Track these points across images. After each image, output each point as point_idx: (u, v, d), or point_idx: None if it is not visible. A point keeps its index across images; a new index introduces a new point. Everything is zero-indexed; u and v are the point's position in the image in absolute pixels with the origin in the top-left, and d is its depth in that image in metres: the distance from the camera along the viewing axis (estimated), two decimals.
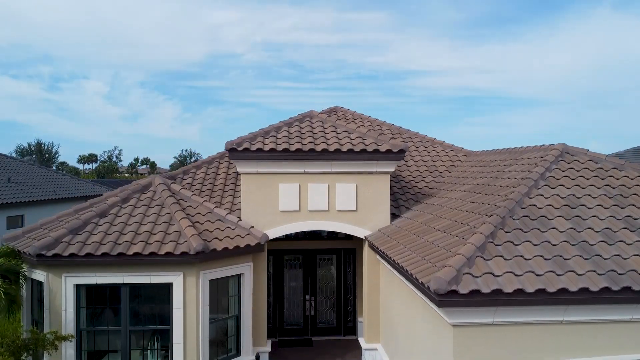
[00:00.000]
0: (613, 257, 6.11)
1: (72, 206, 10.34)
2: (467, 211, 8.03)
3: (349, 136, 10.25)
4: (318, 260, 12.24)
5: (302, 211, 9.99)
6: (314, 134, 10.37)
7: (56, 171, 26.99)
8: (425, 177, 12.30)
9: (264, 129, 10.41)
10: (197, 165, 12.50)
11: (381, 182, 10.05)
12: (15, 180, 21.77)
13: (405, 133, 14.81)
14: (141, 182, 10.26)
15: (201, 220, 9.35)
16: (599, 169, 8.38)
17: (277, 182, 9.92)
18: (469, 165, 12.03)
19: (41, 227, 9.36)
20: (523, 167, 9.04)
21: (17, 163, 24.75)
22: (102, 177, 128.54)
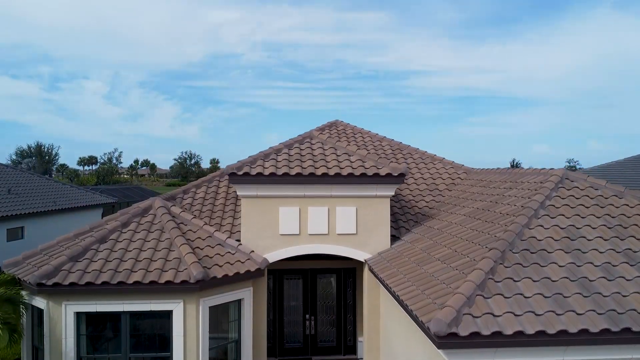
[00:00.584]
0: (613, 294, 6.12)
1: (73, 230, 10.35)
2: (467, 240, 8.03)
3: (349, 159, 10.26)
4: (318, 280, 12.24)
5: (302, 234, 9.99)
6: (314, 157, 10.38)
7: (56, 180, 26.98)
8: (425, 196, 12.30)
9: (263, 152, 10.42)
10: (197, 185, 12.51)
11: (381, 205, 10.06)
12: (15, 191, 21.78)
13: (405, 149, 14.82)
14: (141, 206, 10.26)
15: (201, 245, 9.35)
16: (598, 197, 8.39)
17: (277, 205, 9.93)
18: (469, 185, 12.03)
19: (41, 252, 9.37)
20: (523, 193, 9.05)
21: (17, 173, 24.77)
22: (102, 179, 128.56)
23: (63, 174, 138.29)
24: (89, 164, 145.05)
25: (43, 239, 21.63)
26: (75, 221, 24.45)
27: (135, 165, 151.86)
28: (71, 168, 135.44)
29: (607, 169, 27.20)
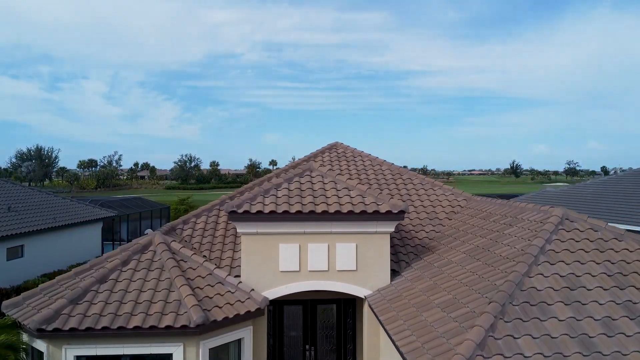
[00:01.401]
0: (613, 353, 6.12)
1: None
2: (467, 285, 8.03)
3: (349, 194, 10.26)
4: (318, 310, 12.22)
5: (302, 271, 9.99)
6: (314, 192, 10.38)
7: (56, 195, 26.96)
8: (425, 226, 12.30)
9: (263, 187, 10.42)
10: (197, 214, 12.51)
11: (381, 241, 10.06)
12: (15, 208, 21.77)
13: (405, 174, 14.83)
14: (141, 242, 10.25)
15: (201, 285, 9.35)
16: (598, 240, 8.40)
17: (277, 242, 9.93)
18: (469, 216, 12.03)
19: (41, 292, 9.36)
20: (523, 233, 9.05)
21: (17, 188, 24.76)
22: (102, 182, 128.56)
23: (63, 177, 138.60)
24: (88, 167, 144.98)
25: (43, 256, 21.68)
26: (75, 237, 24.47)
27: (135, 168, 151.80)
28: (71, 171, 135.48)
29: (607, 182, 27.24)
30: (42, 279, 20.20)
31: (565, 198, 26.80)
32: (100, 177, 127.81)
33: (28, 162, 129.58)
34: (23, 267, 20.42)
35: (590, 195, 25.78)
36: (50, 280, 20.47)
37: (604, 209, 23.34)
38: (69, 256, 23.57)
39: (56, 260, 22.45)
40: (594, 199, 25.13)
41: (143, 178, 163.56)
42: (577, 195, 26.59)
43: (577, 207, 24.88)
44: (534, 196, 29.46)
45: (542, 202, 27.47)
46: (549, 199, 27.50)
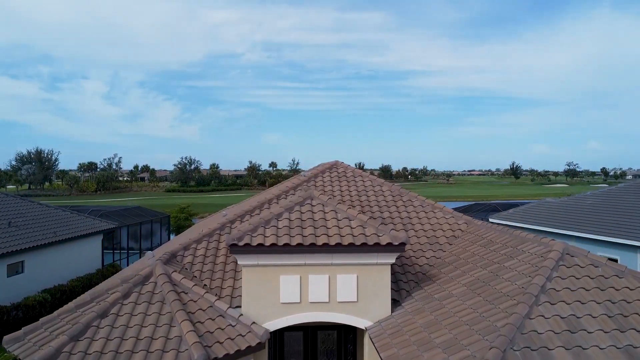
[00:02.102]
0: None
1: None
2: (467, 325, 8.04)
3: (350, 224, 10.27)
4: (319, 336, 12.24)
5: (303, 302, 10.00)
6: (314, 222, 10.39)
7: (56, 207, 26.96)
8: (425, 252, 12.31)
9: (264, 217, 10.42)
10: (198, 240, 12.51)
11: (382, 272, 10.07)
12: (16, 224, 21.78)
13: (405, 195, 14.84)
14: (142, 273, 10.26)
15: (202, 319, 9.35)
16: (599, 277, 8.41)
17: (278, 274, 9.94)
18: (469, 242, 12.04)
19: (42, 326, 9.36)
20: (523, 268, 9.06)
21: (17, 201, 24.77)
22: (102, 185, 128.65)
23: (63, 180, 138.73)
24: (88, 170, 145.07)
25: (43, 271, 21.68)
26: (75, 250, 24.48)
27: (135, 171, 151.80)
28: (71, 174, 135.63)
29: (607, 194, 27.24)
30: (43, 295, 20.25)
31: (565, 211, 26.81)
32: (100, 180, 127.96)
33: (28, 165, 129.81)
34: (23, 283, 20.44)
35: (590, 208, 25.79)
36: (50, 295, 20.51)
37: (604, 223, 23.35)
38: (69, 270, 23.60)
39: (57, 275, 22.49)
40: (593, 212, 25.13)
41: (143, 180, 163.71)
42: (576, 207, 26.59)
43: (577, 220, 24.90)
44: (534, 207, 29.47)
45: (542, 214, 27.49)
46: (549, 212, 27.50)
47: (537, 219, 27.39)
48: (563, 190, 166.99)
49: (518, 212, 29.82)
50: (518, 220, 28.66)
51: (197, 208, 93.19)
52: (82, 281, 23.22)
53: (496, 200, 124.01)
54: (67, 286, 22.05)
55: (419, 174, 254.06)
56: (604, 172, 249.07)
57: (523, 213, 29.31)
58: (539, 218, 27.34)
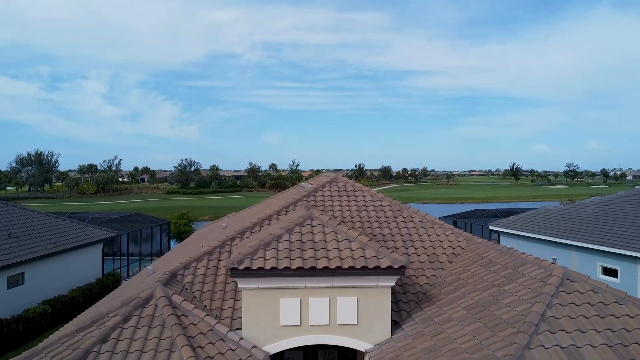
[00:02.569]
0: None
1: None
2: (468, 353, 8.04)
3: (350, 246, 10.29)
4: (319, 355, 12.25)
5: (303, 325, 10.00)
6: (314, 244, 10.40)
7: (56, 216, 26.96)
8: (425, 270, 12.31)
9: (264, 240, 10.42)
10: (198, 258, 12.51)
11: (382, 295, 10.08)
12: (16, 234, 21.78)
13: (406, 211, 14.84)
14: (142, 296, 10.26)
15: (202, 343, 9.35)
16: (599, 304, 8.42)
17: (278, 297, 9.95)
18: (469, 261, 12.04)
19: (43, 351, 9.34)
20: (523, 293, 9.06)
21: (17, 211, 24.77)
22: (102, 187, 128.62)
23: (63, 182, 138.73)
24: (88, 172, 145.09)
25: (43, 282, 21.68)
26: (75, 260, 24.48)
27: (135, 172, 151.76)
28: (71, 176, 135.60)
29: (606, 203, 27.25)
30: (43, 307, 20.25)
31: (566, 219, 26.82)
32: (100, 182, 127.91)
33: (28, 167, 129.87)
34: (24, 295, 20.45)
35: (589, 217, 25.80)
36: (50, 306, 20.51)
37: (605, 232, 23.36)
38: (69, 280, 23.62)
39: (57, 285, 22.50)
40: (594, 221, 25.14)
41: (143, 180, 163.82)
42: (577, 216, 26.61)
43: (577, 229, 24.90)
44: (534, 215, 29.47)
45: (543, 222, 27.49)
46: (549, 221, 27.49)
47: (537, 227, 27.40)
48: (563, 191, 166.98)
49: (518, 219, 29.84)
50: (518, 228, 28.69)
51: (197, 211, 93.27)
52: (83, 291, 23.23)
53: (496, 202, 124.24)
54: (67, 297, 22.07)
55: (418, 175, 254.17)
56: (604, 173, 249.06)
57: (523, 221, 29.33)
58: (540, 226, 27.35)
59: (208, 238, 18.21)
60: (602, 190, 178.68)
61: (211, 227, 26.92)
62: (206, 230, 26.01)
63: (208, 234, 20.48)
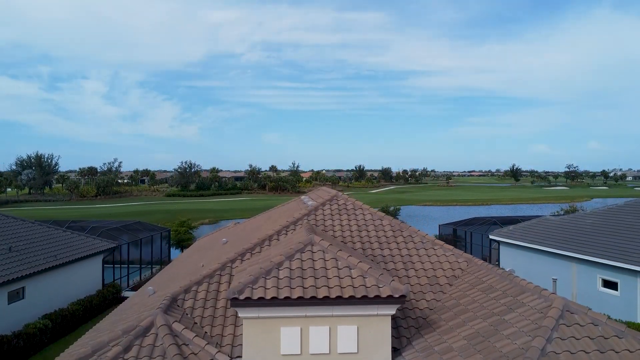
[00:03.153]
0: None
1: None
2: None
3: (351, 274, 10.30)
4: None
5: (303, 354, 10.00)
6: (315, 271, 10.42)
7: (56, 227, 26.97)
8: (425, 293, 12.33)
9: (264, 267, 10.43)
10: (198, 281, 12.52)
11: (382, 323, 10.08)
12: (16, 248, 21.80)
13: (406, 230, 14.86)
14: (143, 324, 10.28)
15: None
16: (599, 338, 8.43)
17: (278, 325, 9.96)
18: (469, 285, 12.06)
19: None
20: (523, 324, 9.08)
21: (18, 223, 24.80)
22: (103, 190, 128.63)
23: (63, 184, 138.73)
24: (89, 175, 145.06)
25: (44, 296, 21.70)
26: (76, 272, 24.50)
27: (135, 175, 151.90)
28: (71, 179, 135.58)
29: (606, 213, 27.26)
30: (43, 321, 20.28)
31: (566, 230, 26.83)
32: (100, 185, 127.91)
33: (28, 170, 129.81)
34: (24, 309, 20.48)
35: (589, 228, 25.82)
36: (51, 321, 20.52)
37: (605, 245, 23.38)
38: (69, 292, 23.65)
39: (57, 298, 22.53)
40: (594, 232, 25.16)
41: (143, 182, 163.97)
42: (577, 227, 26.62)
43: (578, 240, 24.92)
44: (534, 225, 29.48)
45: (543, 233, 27.51)
46: (549, 231, 27.49)
47: (537, 237, 27.43)
48: (563, 193, 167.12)
49: (518, 229, 29.88)
50: (518, 238, 28.72)
51: (197, 214, 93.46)
52: (83, 303, 23.26)
53: (496, 204, 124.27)
54: (68, 310, 22.09)
55: (419, 176, 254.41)
56: (604, 174, 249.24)
57: (523, 230, 29.36)
58: (540, 237, 27.38)
59: (208, 255, 18.24)
60: (602, 191, 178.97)
61: (211, 237, 26.94)
62: (206, 241, 26.03)
63: (208, 250, 20.50)
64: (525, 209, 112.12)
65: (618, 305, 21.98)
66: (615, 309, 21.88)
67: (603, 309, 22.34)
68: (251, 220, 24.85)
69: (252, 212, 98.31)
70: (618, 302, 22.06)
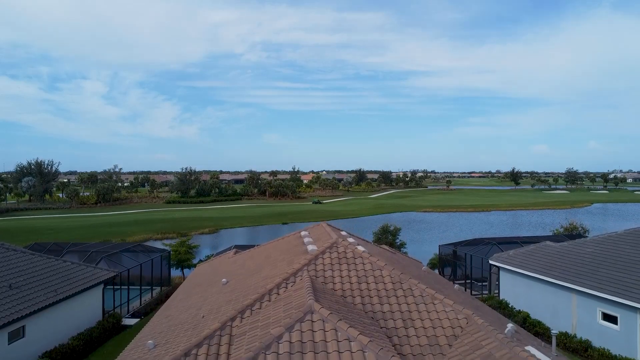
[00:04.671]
0: None
1: None
2: None
3: (350, 348, 10.33)
4: None
5: None
6: (315, 345, 10.45)
7: (56, 257, 26.99)
8: (425, 356, 12.32)
9: (264, 342, 10.45)
10: (198, 344, 12.53)
11: None
12: (17, 285, 21.82)
13: (406, 282, 14.87)
14: None
15: None
16: None
17: None
18: (470, 348, 12.07)
19: None
20: None
21: (18, 255, 24.81)
22: (103, 197, 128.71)
23: (63, 192, 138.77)
24: (89, 182, 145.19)
25: (44, 333, 21.71)
26: (76, 305, 24.52)
27: (135, 182, 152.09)
28: (72, 186, 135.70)
29: (606, 241, 27.28)
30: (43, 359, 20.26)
31: (566, 259, 26.85)
32: (100, 193, 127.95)
33: (28, 177, 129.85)
34: (24, 348, 20.48)
35: (590, 258, 25.83)
36: (51, 359, 20.52)
37: (605, 278, 23.39)
38: (70, 326, 23.66)
39: (57, 334, 22.55)
40: (593, 263, 25.18)
41: (144, 185, 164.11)
42: (577, 256, 26.64)
43: (578, 272, 24.93)
44: (534, 252, 29.50)
45: (543, 261, 27.52)
46: (549, 259, 27.48)
47: (537, 266, 27.46)
48: (563, 197, 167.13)
49: (518, 255, 29.91)
50: (518, 265, 28.75)
51: (197, 222, 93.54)
52: (83, 338, 23.26)
53: (496, 210, 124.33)
54: (68, 346, 22.10)
55: (418, 180, 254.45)
56: (604, 177, 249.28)
57: (522, 257, 29.40)
58: (540, 265, 27.41)
59: (208, 297, 18.22)
60: (603, 196, 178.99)
61: (211, 266, 26.94)
62: (206, 271, 26.03)
63: (208, 287, 20.50)
64: (525, 216, 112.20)
65: (618, 340, 22.00)
66: (615, 343, 21.92)
67: (603, 342, 22.39)
68: (251, 252, 24.84)
69: (251, 220, 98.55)
70: (618, 336, 22.08)
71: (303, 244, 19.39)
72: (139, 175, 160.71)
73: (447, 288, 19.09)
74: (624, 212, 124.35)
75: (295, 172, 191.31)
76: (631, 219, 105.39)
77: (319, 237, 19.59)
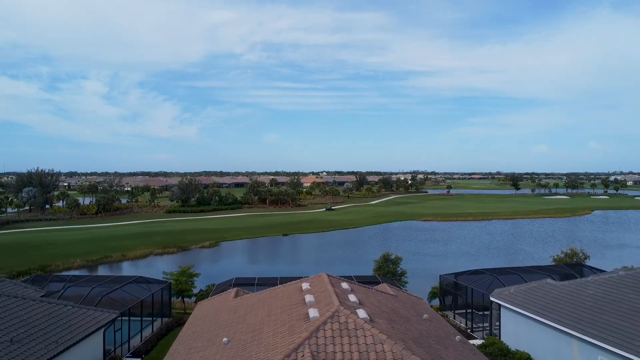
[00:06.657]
0: None
1: None
2: None
3: None
4: None
5: None
6: None
7: (57, 302, 26.95)
8: None
9: None
10: None
11: None
12: (18, 339, 21.79)
13: (408, 358, 14.84)
14: None
15: None
16: None
17: None
18: None
19: None
20: None
21: (19, 302, 24.78)
22: (103, 207, 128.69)
23: (64, 202, 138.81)
24: (89, 193, 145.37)
25: None
26: (77, 353, 24.46)
27: (135, 192, 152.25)
28: (72, 197, 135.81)
29: (607, 283, 27.23)
30: None
31: (567, 301, 26.82)
32: (101, 203, 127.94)
33: (29, 188, 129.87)
34: None
35: (590, 302, 25.79)
36: None
37: (606, 325, 23.35)
38: None
39: None
40: (594, 307, 25.13)
41: (143, 194, 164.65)
42: (578, 298, 26.61)
43: (579, 316, 24.89)
44: (535, 291, 29.47)
45: (543, 301, 27.48)
46: (550, 300, 27.43)
47: (538, 307, 27.44)
48: (563, 204, 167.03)
49: (519, 293, 29.88)
50: (519, 304, 28.74)
51: (197, 234, 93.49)
52: None
53: (496, 218, 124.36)
54: None
55: (419, 185, 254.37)
56: (604, 182, 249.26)
57: (524, 296, 29.38)
58: (540, 306, 27.38)
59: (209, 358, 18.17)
60: (603, 202, 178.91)
61: (212, 309, 26.88)
62: (208, 315, 25.95)
63: (209, 342, 20.45)
64: (525, 225, 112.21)
65: None
66: None
67: None
68: (251, 300, 24.76)
69: (252, 231, 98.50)
70: None
71: (304, 304, 19.37)
72: (139, 184, 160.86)
73: (448, 348, 19.07)
74: (624, 220, 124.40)
75: (295, 173, 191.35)
76: (633, 229, 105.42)
77: (319, 295, 19.58)
